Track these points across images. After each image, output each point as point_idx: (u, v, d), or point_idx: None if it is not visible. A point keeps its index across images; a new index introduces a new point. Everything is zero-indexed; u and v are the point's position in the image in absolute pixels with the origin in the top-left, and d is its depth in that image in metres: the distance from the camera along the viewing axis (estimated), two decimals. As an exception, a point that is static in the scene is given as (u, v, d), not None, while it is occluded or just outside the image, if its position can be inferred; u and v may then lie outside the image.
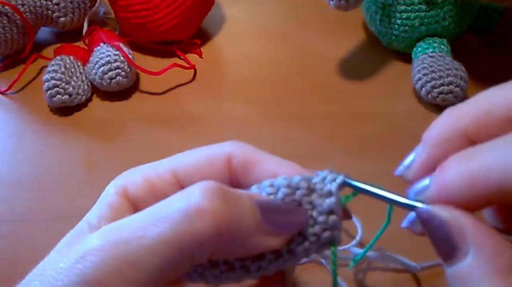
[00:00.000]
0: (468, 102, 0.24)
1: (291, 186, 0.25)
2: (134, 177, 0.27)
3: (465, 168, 0.22)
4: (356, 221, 0.43)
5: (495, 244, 0.21)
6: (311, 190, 0.25)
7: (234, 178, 0.27)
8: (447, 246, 0.21)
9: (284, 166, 0.26)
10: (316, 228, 0.24)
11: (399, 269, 0.42)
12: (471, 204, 0.22)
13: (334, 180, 0.25)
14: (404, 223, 0.25)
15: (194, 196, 0.22)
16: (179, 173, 0.27)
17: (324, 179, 0.25)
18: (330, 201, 0.24)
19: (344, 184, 0.25)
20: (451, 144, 0.23)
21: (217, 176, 0.26)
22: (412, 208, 0.23)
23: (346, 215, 0.26)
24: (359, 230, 0.43)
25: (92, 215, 0.26)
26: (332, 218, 0.24)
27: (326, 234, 0.24)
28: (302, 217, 0.24)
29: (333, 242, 0.25)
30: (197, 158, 0.27)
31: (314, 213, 0.24)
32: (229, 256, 0.24)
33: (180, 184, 0.27)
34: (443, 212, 0.22)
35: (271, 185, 0.25)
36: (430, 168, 0.24)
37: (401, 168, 0.25)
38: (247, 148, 0.27)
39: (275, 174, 0.26)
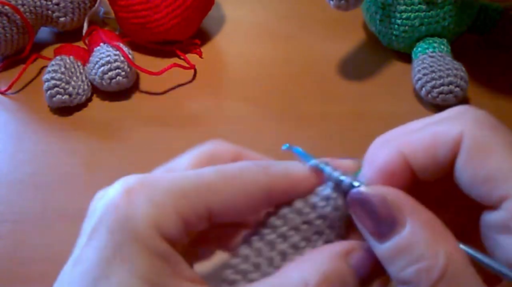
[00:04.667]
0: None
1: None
2: (167, 213, 0.22)
3: (394, 143, 0.25)
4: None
5: (427, 212, 0.22)
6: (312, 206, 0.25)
7: (271, 204, 0.26)
8: (383, 223, 0.22)
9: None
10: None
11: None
12: (399, 176, 0.24)
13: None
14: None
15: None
16: (214, 208, 0.23)
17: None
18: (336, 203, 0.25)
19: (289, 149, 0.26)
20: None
21: (254, 211, 0.25)
22: (347, 188, 0.24)
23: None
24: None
25: (140, 271, 0.21)
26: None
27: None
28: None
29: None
30: (232, 192, 0.23)
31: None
32: None
33: (210, 218, 0.23)
34: (381, 189, 0.23)
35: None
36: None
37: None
38: (282, 178, 0.25)
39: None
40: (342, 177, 0.24)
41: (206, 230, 0.24)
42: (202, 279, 0.23)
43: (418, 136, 0.24)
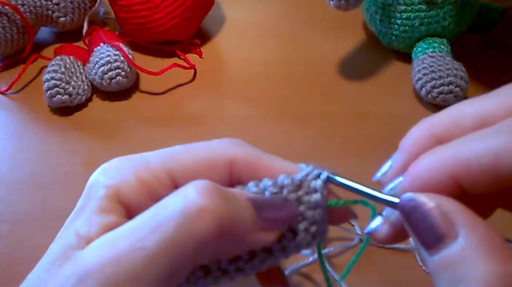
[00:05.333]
0: (442, 112, 0.24)
1: (276, 186, 0.25)
2: (126, 176, 0.25)
3: (439, 156, 0.22)
4: (354, 223, 0.44)
5: (485, 227, 0.21)
6: (297, 187, 0.25)
7: (236, 180, 0.26)
8: (432, 234, 0.21)
9: (289, 168, 0.26)
10: (305, 223, 0.25)
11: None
12: (442, 190, 0.22)
13: (318, 176, 0.25)
14: (367, 230, 0.25)
15: (191, 195, 0.21)
16: (175, 173, 0.25)
17: (307, 175, 0.25)
18: (316, 196, 0.25)
19: (328, 180, 0.25)
20: (426, 150, 0.23)
21: (217, 179, 0.25)
22: (391, 204, 0.23)
23: (349, 215, 0.27)
24: (357, 229, 0.43)
25: (80, 224, 0.23)
26: (318, 212, 0.25)
27: (314, 228, 0.25)
28: (291, 210, 0.24)
29: (320, 235, 0.25)
30: (195, 159, 0.25)
31: (302, 208, 0.25)
32: (225, 256, 0.24)
33: (175, 184, 0.25)
34: (429, 198, 0.21)
35: (257, 186, 0.25)
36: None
37: (378, 174, 0.26)
38: (248, 150, 0.26)
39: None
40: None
41: None
42: None
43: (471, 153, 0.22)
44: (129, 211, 0.24)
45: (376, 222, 0.25)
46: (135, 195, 0.24)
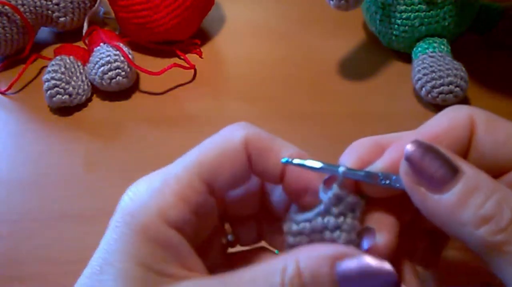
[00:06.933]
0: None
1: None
2: (165, 198, 0.24)
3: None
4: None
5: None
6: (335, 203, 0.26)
7: (251, 160, 0.26)
8: (447, 169, 0.22)
9: (296, 153, 0.27)
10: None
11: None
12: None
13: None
14: (364, 248, 0.25)
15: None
16: (204, 175, 0.25)
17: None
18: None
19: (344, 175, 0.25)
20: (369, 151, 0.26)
21: (239, 164, 0.26)
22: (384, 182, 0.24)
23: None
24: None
25: (143, 258, 0.23)
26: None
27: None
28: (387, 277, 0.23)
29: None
30: (216, 154, 0.26)
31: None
32: None
33: (208, 186, 0.25)
34: (431, 143, 0.23)
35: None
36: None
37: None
38: (260, 133, 0.27)
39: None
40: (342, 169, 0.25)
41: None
42: (205, 269, 0.24)
43: (433, 123, 0.25)
44: (178, 231, 0.24)
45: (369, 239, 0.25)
46: (180, 214, 0.24)
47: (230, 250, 0.29)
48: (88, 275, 0.23)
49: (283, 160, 0.26)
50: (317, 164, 0.26)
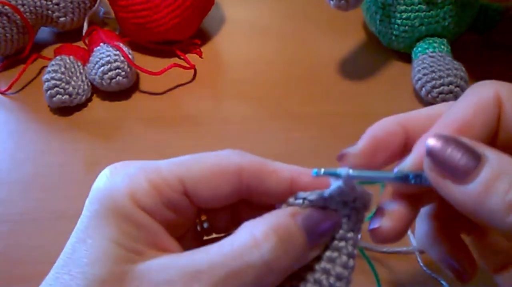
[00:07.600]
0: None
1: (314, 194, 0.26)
2: (139, 183, 0.25)
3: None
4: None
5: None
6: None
7: (245, 188, 0.26)
8: (470, 159, 0.22)
9: (295, 172, 0.27)
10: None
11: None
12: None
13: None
14: (370, 227, 0.26)
15: (266, 250, 0.23)
16: (186, 181, 0.25)
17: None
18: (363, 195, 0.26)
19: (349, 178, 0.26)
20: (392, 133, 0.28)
21: (227, 188, 0.26)
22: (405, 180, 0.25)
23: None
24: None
25: (115, 235, 0.23)
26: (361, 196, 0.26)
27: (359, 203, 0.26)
28: (334, 219, 0.26)
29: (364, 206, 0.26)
30: (205, 167, 0.26)
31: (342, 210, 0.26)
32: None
33: (186, 191, 0.26)
34: (451, 135, 0.24)
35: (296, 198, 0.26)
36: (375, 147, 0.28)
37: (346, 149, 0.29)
38: (253, 158, 0.27)
39: (288, 180, 0.27)
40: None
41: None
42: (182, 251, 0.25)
43: (459, 108, 0.25)
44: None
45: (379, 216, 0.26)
46: (150, 201, 0.25)
47: (206, 237, 0.30)
48: (62, 256, 0.24)
49: (313, 172, 0.26)
50: (346, 171, 0.26)
